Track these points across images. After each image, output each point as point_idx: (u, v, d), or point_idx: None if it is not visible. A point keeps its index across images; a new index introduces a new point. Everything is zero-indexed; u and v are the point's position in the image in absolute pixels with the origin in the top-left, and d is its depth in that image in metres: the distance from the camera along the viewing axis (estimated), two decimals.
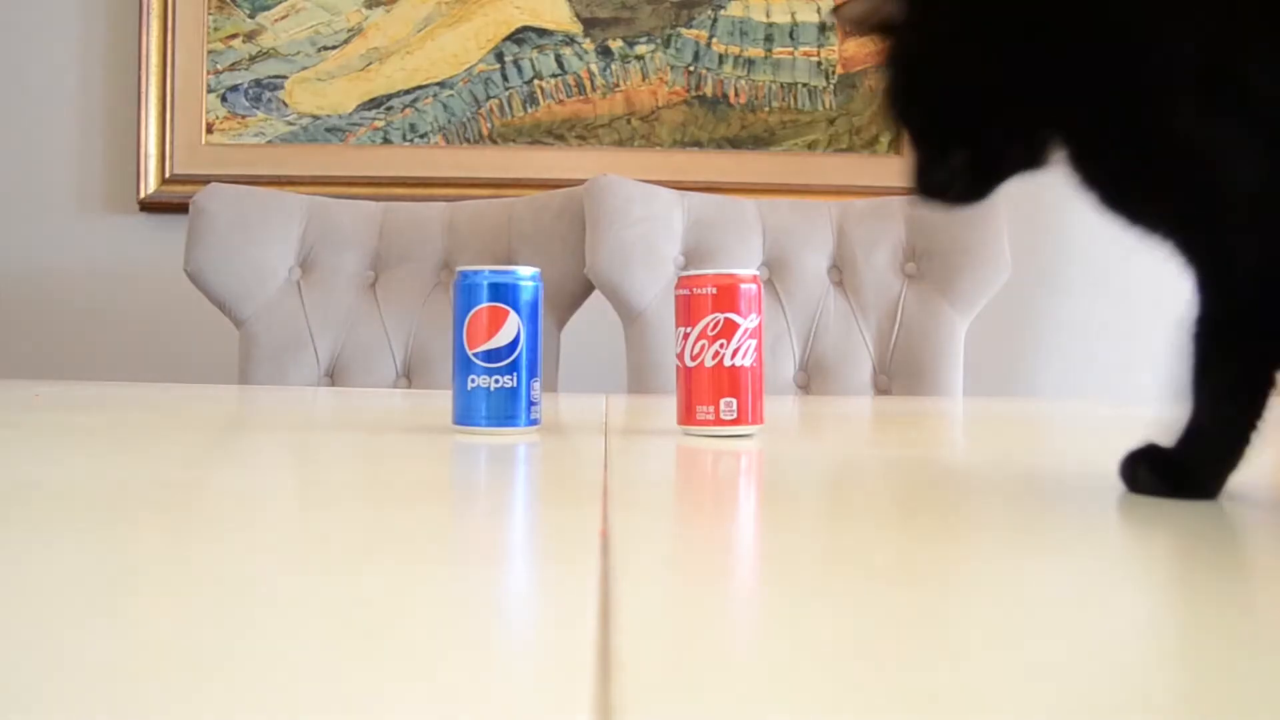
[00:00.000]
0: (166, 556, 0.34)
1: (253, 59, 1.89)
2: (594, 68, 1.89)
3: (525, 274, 0.73)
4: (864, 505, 0.48)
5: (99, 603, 0.28)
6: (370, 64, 1.89)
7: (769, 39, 1.90)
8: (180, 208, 1.79)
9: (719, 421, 0.74)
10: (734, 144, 1.90)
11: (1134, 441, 0.49)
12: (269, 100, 1.89)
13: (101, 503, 0.44)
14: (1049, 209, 1.85)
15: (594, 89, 1.89)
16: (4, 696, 0.21)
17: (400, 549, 0.36)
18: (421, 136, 1.89)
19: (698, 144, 1.90)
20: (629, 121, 1.89)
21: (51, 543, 0.36)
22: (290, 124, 1.89)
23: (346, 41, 1.89)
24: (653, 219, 1.53)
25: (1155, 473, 0.48)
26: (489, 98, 1.89)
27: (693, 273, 0.76)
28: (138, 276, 1.90)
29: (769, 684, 0.23)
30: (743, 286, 0.74)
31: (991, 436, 0.93)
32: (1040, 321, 1.94)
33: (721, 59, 1.90)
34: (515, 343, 0.72)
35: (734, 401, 0.74)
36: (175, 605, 0.28)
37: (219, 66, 1.89)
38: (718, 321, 0.74)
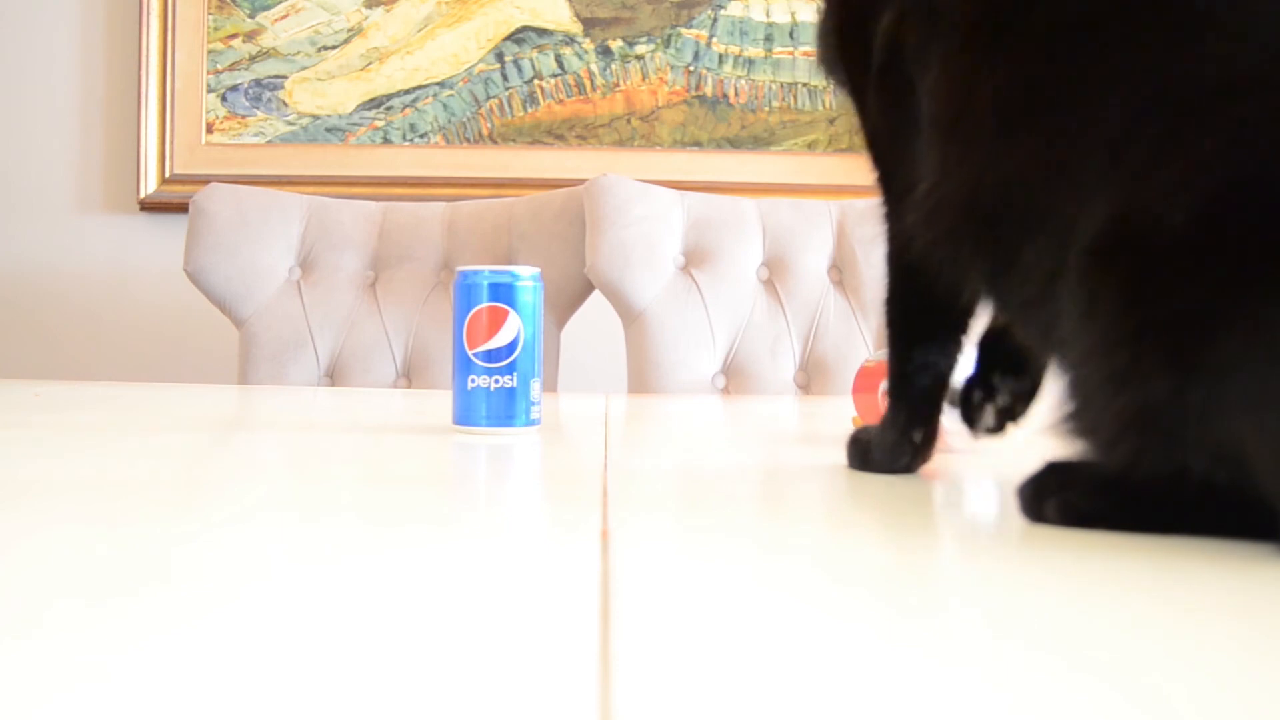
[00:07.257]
0: (165, 552, 0.34)
1: (253, 59, 1.89)
2: (594, 68, 1.89)
3: (525, 274, 0.73)
4: (865, 505, 0.48)
5: (98, 597, 0.28)
6: (370, 64, 1.89)
7: (769, 39, 1.90)
8: (180, 208, 1.80)
9: None
10: (734, 144, 1.90)
11: None
12: (269, 100, 1.89)
13: (101, 500, 0.44)
14: None
15: (594, 89, 1.89)
16: (3, 690, 0.21)
17: (399, 549, 0.36)
18: (421, 136, 1.89)
19: (698, 144, 1.89)
20: (629, 121, 1.89)
21: (52, 539, 0.36)
22: (290, 124, 1.89)
23: (346, 41, 1.89)
24: (653, 219, 1.53)
25: None
26: (489, 98, 1.89)
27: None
28: (138, 276, 1.90)
29: (769, 684, 0.23)
30: None
31: None
32: None
33: (721, 59, 1.90)
34: (515, 343, 0.72)
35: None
36: (174, 600, 0.28)
37: (219, 66, 1.89)
38: None
